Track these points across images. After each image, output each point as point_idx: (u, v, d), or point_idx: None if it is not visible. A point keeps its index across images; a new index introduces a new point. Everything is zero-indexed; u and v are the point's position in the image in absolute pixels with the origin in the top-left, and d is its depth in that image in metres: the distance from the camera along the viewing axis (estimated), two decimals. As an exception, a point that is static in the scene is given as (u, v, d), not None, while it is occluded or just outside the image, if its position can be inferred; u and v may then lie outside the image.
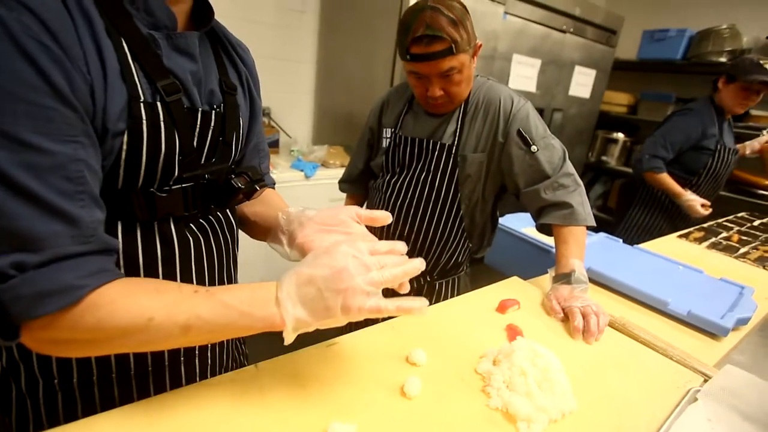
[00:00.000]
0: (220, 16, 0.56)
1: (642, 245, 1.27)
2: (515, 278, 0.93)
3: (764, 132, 1.89)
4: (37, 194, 0.35)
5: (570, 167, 0.93)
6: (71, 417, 0.51)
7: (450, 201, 1.02)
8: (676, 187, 1.77)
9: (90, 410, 0.52)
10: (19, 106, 0.34)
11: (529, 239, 1.60)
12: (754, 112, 2.58)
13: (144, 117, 0.44)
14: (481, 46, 0.94)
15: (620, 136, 3.07)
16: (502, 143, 0.96)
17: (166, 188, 0.49)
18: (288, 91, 2.28)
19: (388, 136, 1.08)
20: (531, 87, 2.29)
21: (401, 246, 0.52)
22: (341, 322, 0.45)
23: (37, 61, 0.35)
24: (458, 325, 0.72)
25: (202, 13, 0.52)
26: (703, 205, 1.75)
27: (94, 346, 0.41)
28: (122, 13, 0.43)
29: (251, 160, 0.68)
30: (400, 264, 0.47)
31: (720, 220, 1.73)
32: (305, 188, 1.88)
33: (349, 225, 0.58)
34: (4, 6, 0.34)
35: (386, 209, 1.08)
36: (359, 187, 1.26)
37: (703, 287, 1.00)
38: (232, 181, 0.56)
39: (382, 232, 1.09)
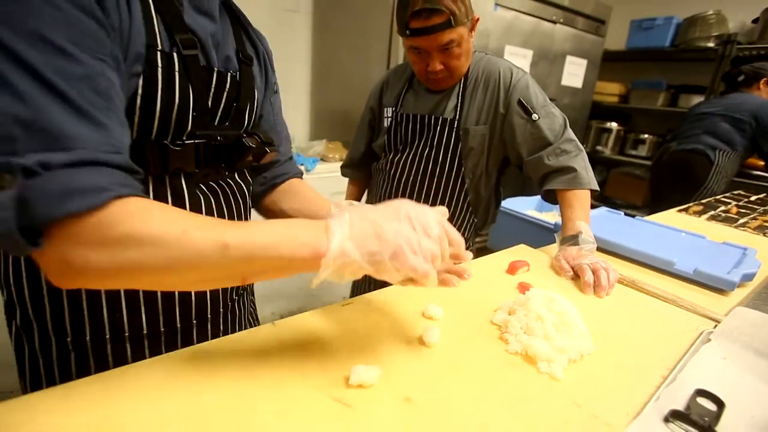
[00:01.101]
0: None
1: (643, 218, 1.28)
2: (522, 245, 0.94)
3: None
4: (69, 96, 0.34)
5: (571, 133, 0.94)
6: (85, 376, 0.51)
7: (454, 175, 1.03)
8: None
9: (103, 369, 0.52)
10: (57, 14, 0.35)
11: (533, 219, 1.62)
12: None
13: (160, 64, 0.46)
14: (478, 19, 0.96)
15: (614, 125, 3.10)
16: (504, 114, 0.97)
17: (179, 142, 0.50)
18: (284, 90, 2.27)
19: (390, 115, 1.10)
20: (524, 77, 2.32)
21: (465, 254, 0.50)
22: (382, 272, 0.42)
23: None
24: (471, 285, 0.72)
25: None
26: None
27: (122, 260, 0.36)
28: None
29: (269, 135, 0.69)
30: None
31: (718, 197, 1.75)
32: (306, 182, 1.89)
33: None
34: None
35: (391, 187, 1.10)
36: (362, 171, 1.26)
37: (707, 250, 1.01)
38: (243, 140, 0.57)
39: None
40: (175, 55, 0.47)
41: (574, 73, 2.59)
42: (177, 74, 0.47)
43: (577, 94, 2.67)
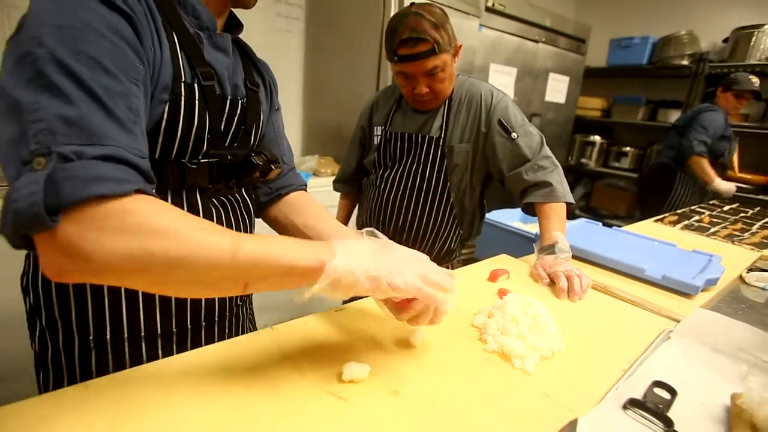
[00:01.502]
0: None
1: (620, 228, 1.36)
2: (504, 255, 1.00)
3: None
4: (107, 105, 0.40)
5: (547, 150, 1.01)
6: (103, 374, 0.55)
7: (440, 190, 1.10)
8: (712, 172, 2.18)
9: (120, 368, 0.57)
10: (102, 40, 0.41)
11: (518, 231, 1.69)
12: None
13: (183, 93, 0.53)
14: (461, 46, 1.04)
15: (597, 138, 3.22)
16: (485, 133, 1.04)
17: (195, 161, 0.57)
18: (278, 106, 2.36)
19: (379, 133, 1.16)
20: (509, 94, 2.42)
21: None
22: (375, 289, 0.46)
23: (121, 16, 0.44)
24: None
25: (233, 24, 0.65)
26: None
27: (135, 248, 0.38)
28: (175, 14, 0.54)
29: (269, 147, 0.75)
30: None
31: (693, 207, 1.84)
32: (311, 195, 1.95)
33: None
34: None
35: (381, 201, 1.16)
36: (353, 186, 1.33)
37: (676, 257, 1.08)
38: (252, 158, 0.64)
39: (378, 222, 1.16)
40: (196, 86, 0.55)
41: (557, 89, 2.70)
42: (197, 102, 0.55)
43: (561, 109, 2.79)
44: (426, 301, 0.50)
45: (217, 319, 0.66)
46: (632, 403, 0.51)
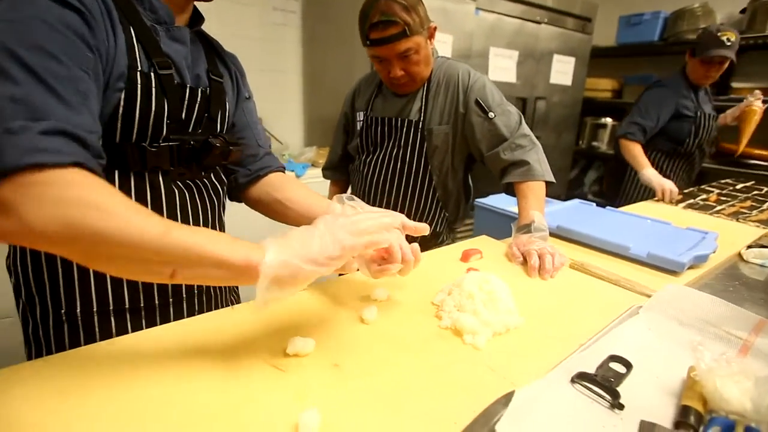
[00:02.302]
0: (211, 33, 0.75)
1: (619, 209, 1.32)
2: (484, 236, 0.99)
3: (748, 96, 1.91)
4: (53, 87, 0.43)
5: (526, 129, 0.99)
6: (75, 347, 0.58)
7: (422, 172, 1.09)
8: (641, 159, 1.79)
9: (91, 341, 0.60)
10: (52, 32, 0.45)
11: (514, 215, 1.65)
12: (735, 85, 2.62)
13: (139, 81, 0.56)
14: (435, 28, 1.02)
15: (608, 120, 3.12)
16: (464, 113, 1.03)
17: (156, 144, 0.60)
18: (277, 100, 2.38)
19: (361, 119, 1.16)
20: (511, 78, 2.37)
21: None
22: (318, 266, 0.46)
23: (73, 12, 0.48)
24: (423, 272, 0.77)
25: (197, 18, 0.69)
26: (665, 191, 1.58)
27: (68, 210, 0.39)
28: (132, 8, 0.57)
29: (244, 134, 0.78)
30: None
31: (702, 186, 1.76)
32: (292, 176, 1.97)
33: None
34: None
35: (365, 187, 1.16)
36: (341, 172, 1.33)
37: (668, 235, 1.04)
38: (209, 140, 0.66)
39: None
40: (152, 74, 0.58)
41: (563, 71, 2.62)
42: (154, 90, 0.58)
43: (567, 91, 2.70)
44: (372, 248, 0.51)
45: (185, 295, 0.69)
46: (580, 377, 0.50)
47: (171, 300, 0.67)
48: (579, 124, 2.97)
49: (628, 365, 0.53)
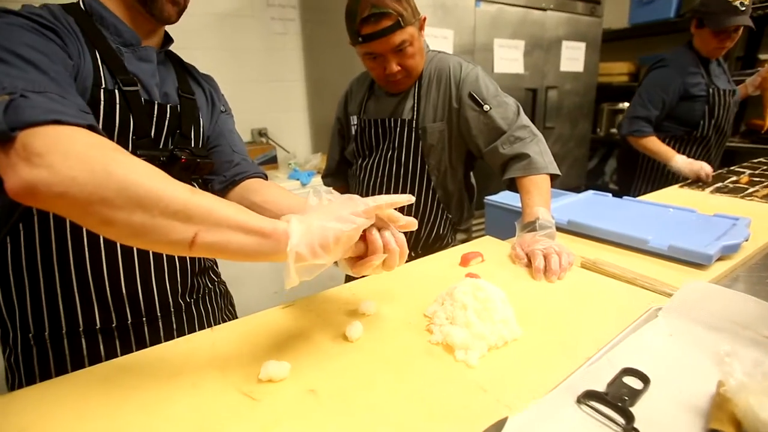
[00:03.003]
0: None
1: (639, 197, 1.22)
2: (488, 237, 0.92)
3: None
4: (45, 70, 0.46)
5: (525, 120, 0.92)
6: (45, 371, 0.59)
7: (419, 173, 1.04)
8: (664, 150, 1.60)
9: (61, 365, 0.60)
10: (37, 36, 0.50)
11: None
12: (763, 56, 2.45)
13: (102, 98, 0.58)
14: (425, 19, 0.97)
15: (626, 105, 2.97)
16: (458, 108, 0.97)
17: None
18: (283, 109, 2.37)
19: (355, 123, 1.12)
20: (519, 68, 2.28)
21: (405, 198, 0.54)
22: (335, 251, 0.46)
23: (47, 29, 0.52)
24: (417, 281, 0.73)
25: (166, 43, 0.71)
26: (701, 175, 1.45)
27: (97, 162, 0.39)
28: (96, 32, 0.60)
29: (218, 143, 0.77)
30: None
31: (731, 167, 1.63)
32: (303, 195, 1.94)
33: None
34: (23, 11, 0.52)
35: (362, 191, 1.11)
36: (341, 178, 1.29)
37: (692, 224, 0.95)
38: (175, 152, 0.64)
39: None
40: (116, 91, 0.59)
41: (573, 57, 2.51)
42: (118, 106, 0.59)
43: (579, 78, 2.59)
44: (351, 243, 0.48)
45: (160, 314, 0.67)
46: (587, 396, 0.44)
47: (144, 319, 0.65)
48: (595, 111, 2.83)
49: (645, 380, 0.46)
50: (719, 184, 1.37)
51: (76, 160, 0.38)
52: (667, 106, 1.66)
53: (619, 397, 0.43)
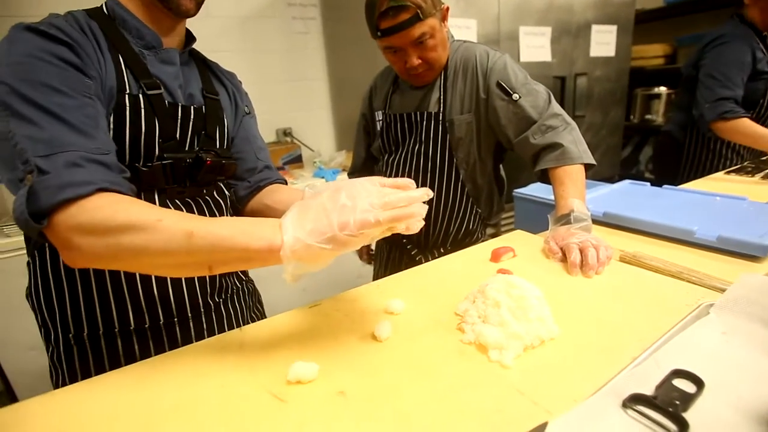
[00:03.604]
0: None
1: (675, 187, 1.15)
2: (519, 231, 0.89)
3: None
4: (65, 118, 0.48)
5: (557, 108, 0.88)
6: (85, 370, 0.62)
7: (447, 167, 1.01)
8: (761, 130, 1.36)
9: (100, 364, 0.63)
10: (50, 67, 0.50)
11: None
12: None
13: (128, 103, 0.58)
14: (448, 8, 0.94)
15: (662, 90, 2.82)
16: (485, 99, 0.94)
17: (149, 164, 0.60)
18: (306, 108, 2.39)
19: (380, 118, 1.10)
20: (546, 56, 2.20)
21: (410, 182, 0.51)
22: (340, 246, 0.43)
23: (63, 46, 0.52)
24: (447, 277, 0.71)
25: (189, 42, 0.71)
26: None
27: (106, 242, 0.45)
28: (119, 36, 0.60)
29: (242, 149, 0.78)
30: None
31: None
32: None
33: None
34: (44, 25, 0.53)
35: (388, 188, 1.10)
36: (367, 175, 1.28)
37: (744, 213, 0.88)
38: (200, 154, 0.64)
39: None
40: (141, 95, 0.60)
41: (604, 41, 2.40)
42: (143, 110, 0.59)
43: (611, 63, 2.47)
44: (393, 223, 0.45)
45: (191, 314, 0.68)
46: (634, 400, 0.41)
47: (176, 319, 0.67)
48: (628, 97, 2.70)
49: (699, 383, 0.42)
50: (770, 170, 1.27)
51: (91, 240, 0.45)
52: (743, 85, 1.46)
53: (669, 402, 0.40)
